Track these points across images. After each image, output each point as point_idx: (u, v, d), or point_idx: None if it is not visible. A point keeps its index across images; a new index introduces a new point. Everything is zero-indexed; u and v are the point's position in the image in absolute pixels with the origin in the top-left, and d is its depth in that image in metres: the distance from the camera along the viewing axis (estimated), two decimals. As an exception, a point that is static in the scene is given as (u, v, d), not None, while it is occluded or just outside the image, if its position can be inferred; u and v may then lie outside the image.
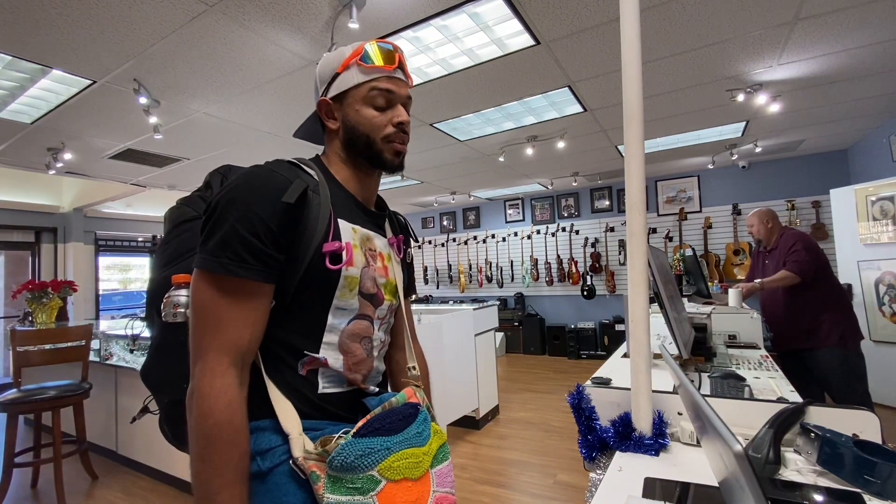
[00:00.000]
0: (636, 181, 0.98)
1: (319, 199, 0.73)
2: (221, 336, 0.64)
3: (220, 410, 0.61)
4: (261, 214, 0.65)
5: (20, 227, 5.76)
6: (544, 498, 2.42)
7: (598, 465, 0.97)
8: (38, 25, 1.96)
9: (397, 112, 0.80)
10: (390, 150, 0.80)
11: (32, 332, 2.77)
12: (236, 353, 0.64)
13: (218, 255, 0.64)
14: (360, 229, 0.79)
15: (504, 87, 2.86)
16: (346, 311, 0.75)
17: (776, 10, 2.10)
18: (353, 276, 0.74)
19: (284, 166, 0.73)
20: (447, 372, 3.07)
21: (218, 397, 0.61)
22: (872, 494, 0.72)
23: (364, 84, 0.78)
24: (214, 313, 0.64)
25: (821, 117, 3.70)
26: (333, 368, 0.74)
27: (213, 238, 0.65)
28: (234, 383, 0.64)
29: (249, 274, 0.65)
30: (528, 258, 6.63)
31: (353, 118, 0.78)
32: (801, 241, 2.45)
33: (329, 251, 0.71)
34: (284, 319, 0.71)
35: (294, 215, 0.68)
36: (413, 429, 0.73)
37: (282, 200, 0.66)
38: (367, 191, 0.85)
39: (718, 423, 0.51)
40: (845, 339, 2.31)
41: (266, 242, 0.66)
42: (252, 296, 0.66)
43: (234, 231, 0.64)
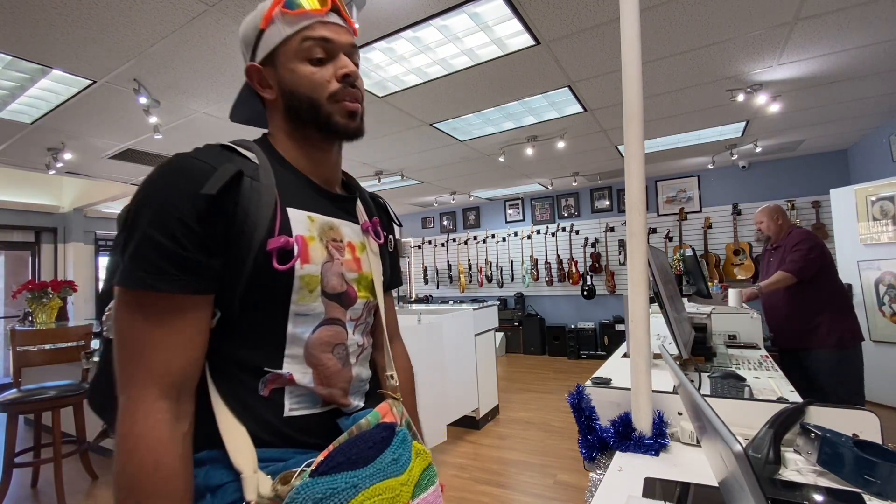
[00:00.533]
0: (636, 181, 0.98)
1: (260, 185, 0.60)
2: (145, 364, 0.53)
3: (141, 456, 0.50)
4: (177, 213, 0.54)
5: (20, 227, 5.76)
6: (544, 498, 2.42)
7: (598, 465, 0.97)
8: (38, 25, 1.96)
9: (340, 62, 0.66)
10: (341, 110, 0.66)
11: (32, 332, 2.77)
12: (166, 383, 0.54)
13: (132, 267, 0.53)
14: (320, 217, 0.67)
15: (504, 87, 2.86)
16: (310, 318, 0.63)
17: (776, 10, 2.10)
18: (312, 275, 0.63)
19: (212, 151, 0.61)
20: (447, 372, 3.07)
21: (140, 439, 0.51)
22: (872, 494, 0.72)
23: (294, 36, 0.65)
24: (135, 337, 0.54)
25: (821, 117, 3.70)
26: (302, 385, 0.62)
27: (127, 248, 0.54)
28: (164, 420, 0.53)
29: (172, 287, 0.54)
30: (528, 258, 6.63)
31: (290, 80, 0.65)
32: (805, 241, 2.42)
33: (275, 248, 0.59)
34: (235, 333, 0.60)
35: (223, 209, 0.57)
36: (387, 456, 0.61)
37: (201, 193, 0.54)
38: (325, 169, 0.72)
39: (718, 424, 0.51)
40: (843, 340, 2.30)
41: (188, 247, 0.54)
42: (180, 312, 0.55)
43: (148, 237, 0.53)
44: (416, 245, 7.75)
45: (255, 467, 0.56)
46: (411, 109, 3.15)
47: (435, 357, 2.95)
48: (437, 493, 0.68)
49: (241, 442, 0.57)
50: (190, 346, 0.56)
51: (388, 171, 4.85)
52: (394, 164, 4.60)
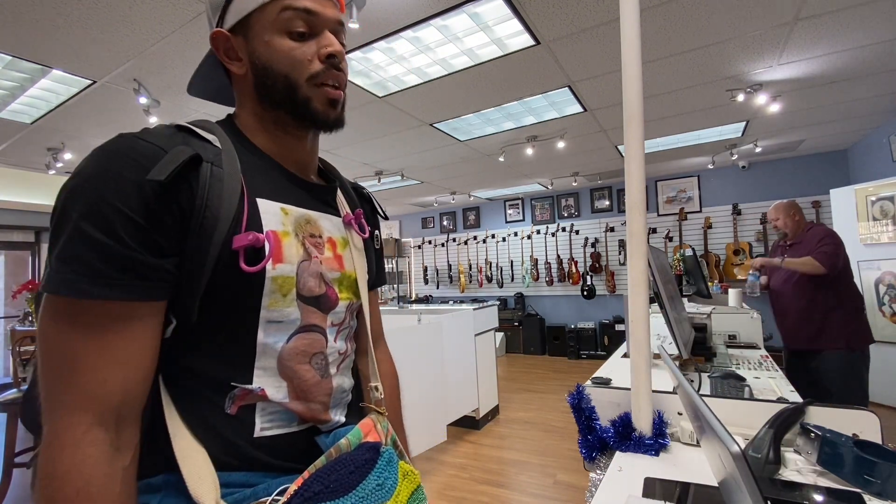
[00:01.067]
0: (636, 181, 0.98)
1: (223, 173, 0.51)
2: (76, 386, 0.43)
3: (69, 498, 0.41)
4: (117, 203, 0.44)
5: (20, 227, 5.76)
6: (544, 498, 2.42)
7: (598, 465, 0.97)
8: (38, 25, 1.96)
9: (325, 40, 0.58)
10: (321, 97, 0.58)
11: (32, 332, 2.77)
12: (102, 407, 0.44)
13: (61, 269, 0.43)
14: (295, 210, 0.58)
15: (504, 87, 2.86)
16: (283, 324, 0.55)
17: (776, 10, 2.10)
18: (286, 276, 0.54)
19: (163, 132, 0.51)
20: (447, 372, 3.07)
21: (65, 478, 0.41)
22: (872, 494, 0.72)
23: (271, 4, 0.56)
24: (64, 353, 0.44)
25: (821, 117, 3.70)
26: (276, 401, 0.54)
27: (55, 247, 0.44)
28: (96, 454, 0.43)
29: (108, 292, 0.44)
30: (528, 258, 6.63)
31: (264, 53, 0.56)
32: (832, 237, 2.35)
33: (242, 245, 0.50)
34: (194, 344, 0.51)
35: (176, 200, 0.47)
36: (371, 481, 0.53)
37: (147, 178, 0.45)
38: (300, 155, 0.63)
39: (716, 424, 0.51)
40: (853, 343, 2.26)
41: (130, 244, 0.45)
42: (120, 322, 0.46)
43: (81, 232, 0.43)
44: (416, 245, 7.75)
45: (216, 497, 0.48)
46: (411, 109, 3.15)
47: (435, 357, 2.95)
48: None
49: (200, 467, 0.48)
50: (133, 363, 0.46)
51: (388, 171, 4.85)
52: (394, 164, 4.60)
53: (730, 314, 2.20)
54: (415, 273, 7.78)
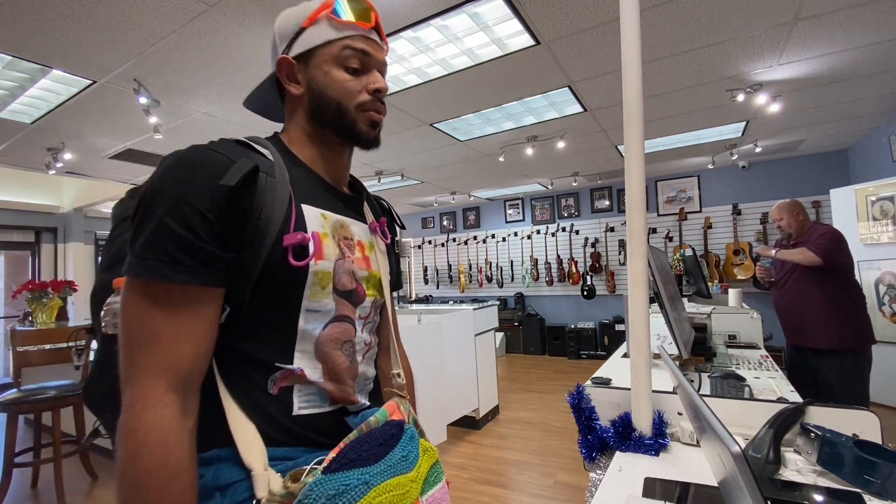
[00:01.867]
0: (636, 181, 0.98)
1: (275, 181, 0.60)
2: (155, 355, 0.52)
3: (150, 451, 0.49)
4: (195, 203, 0.53)
5: (20, 227, 5.77)
6: (544, 498, 2.42)
7: (598, 465, 0.97)
8: (38, 25, 1.96)
9: (373, 78, 0.69)
10: (365, 120, 0.68)
11: (32, 332, 2.77)
12: (175, 376, 0.52)
13: (145, 257, 0.52)
14: (332, 215, 0.68)
15: (504, 87, 2.86)
16: (321, 314, 0.63)
17: (776, 10, 2.10)
18: (325, 272, 0.63)
19: (229, 145, 0.60)
20: (447, 372, 3.07)
21: (148, 433, 0.49)
22: (872, 494, 0.72)
23: (336, 42, 0.66)
24: (145, 328, 0.52)
25: (821, 117, 3.70)
26: (312, 381, 0.62)
27: (139, 237, 0.53)
28: (172, 414, 0.51)
29: (185, 277, 0.53)
30: (528, 258, 6.63)
31: (322, 81, 0.66)
32: (831, 232, 2.35)
33: (291, 244, 0.59)
34: (244, 329, 0.60)
35: (240, 202, 0.56)
36: (397, 453, 0.61)
37: (220, 184, 0.54)
38: (337, 170, 0.73)
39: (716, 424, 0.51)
40: (856, 343, 2.26)
41: (204, 237, 0.54)
42: (191, 303, 0.54)
43: (163, 226, 0.52)
44: (416, 245, 7.75)
45: (265, 465, 0.55)
46: (411, 109, 3.15)
47: (435, 357, 2.95)
48: (444, 489, 0.69)
49: (251, 439, 0.56)
50: (200, 339, 0.55)
51: (388, 171, 4.85)
52: (394, 164, 4.60)
53: (730, 314, 2.20)
54: (415, 273, 7.78)
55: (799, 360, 2.47)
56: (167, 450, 0.50)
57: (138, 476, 0.49)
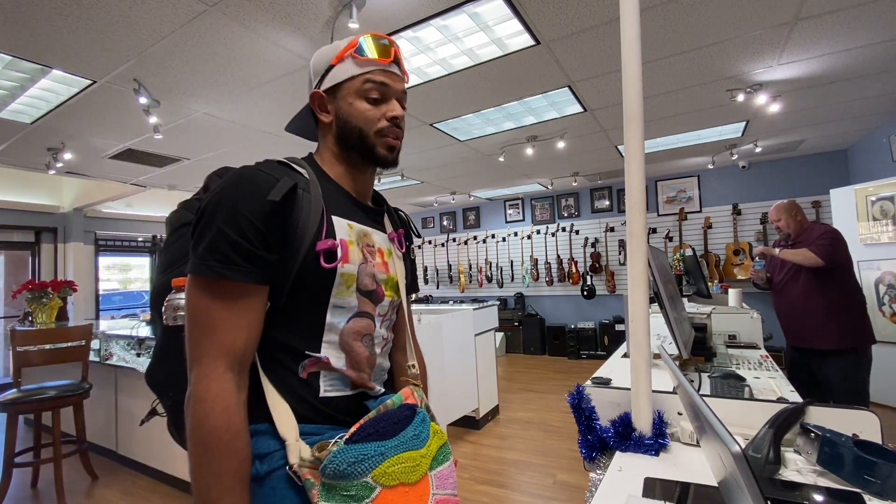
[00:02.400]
0: (636, 181, 0.98)
1: (310, 196, 0.71)
2: (216, 340, 0.63)
3: (216, 416, 0.60)
4: (247, 215, 0.64)
5: (20, 227, 5.76)
6: (544, 498, 2.42)
7: (598, 465, 0.97)
8: (38, 25, 1.96)
9: (391, 106, 0.79)
10: (383, 144, 0.79)
11: (32, 332, 2.77)
12: (232, 357, 0.63)
13: (207, 258, 0.63)
14: (357, 225, 0.78)
15: (504, 87, 2.86)
16: (345, 310, 0.73)
17: (776, 10, 2.09)
18: (350, 274, 0.73)
19: (273, 165, 0.72)
20: (447, 372, 3.07)
21: (214, 402, 0.61)
22: (872, 494, 0.72)
23: (358, 76, 0.76)
24: (208, 317, 0.63)
25: (821, 117, 3.70)
26: (336, 368, 0.72)
27: (202, 242, 0.64)
28: (231, 387, 0.63)
29: (240, 276, 0.64)
30: (528, 258, 6.63)
31: (346, 111, 0.77)
32: (831, 232, 2.34)
33: (323, 249, 0.69)
34: (281, 321, 0.70)
35: (283, 214, 0.67)
36: (409, 431, 0.71)
37: (268, 199, 0.65)
38: (362, 186, 0.84)
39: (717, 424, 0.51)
40: (856, 343, 2.25)
41: (255, 243, 0.64)
42: (244, 297, 0.65)
43: (222, 233, 0.63)
44: (416, 245, 7.74)
45: (297, 436, 0.66)
46: (411, 109, 3.15)
47: (435, 357, 2.95)
48: (451, 467, 0.77)
49: (285, 415, 0.67)
50: (251, 327, 0.66)
51: (389, 171, 4.84)
52: (394, 164, 4.60)
53: (730, 314, 2.20)
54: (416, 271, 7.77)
55: (799, 360, 2.47)
56: (229, 415, 0.61)
57: (208, 436, 0.60)
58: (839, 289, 2.32)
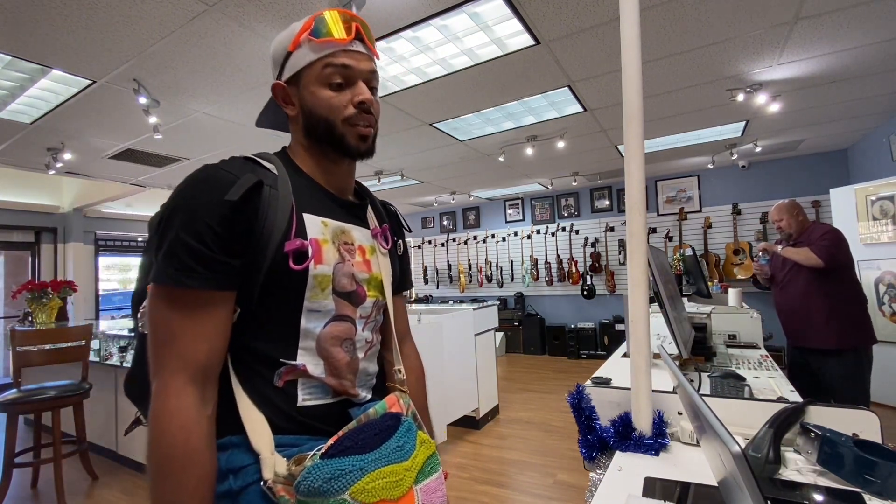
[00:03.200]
0: (636, 181, 0.98)
1: (278, 193, 0.66)
2: (176, 352, 0.59)
3: (172, 433, 0.56)
4: (204, 218, 0.60)
5: (20, 227, 5.76)
6: (544, 498, 2.42)
7: (598, 464, 0.97)
8: (38, 25, 1.96)
9: (357, 90, 0.71)
10: (353, 134, 0.72)
11: (32, 332, 2.77)
12: (194, 369, 0.60)
13: (165, 266, 0.60)
14: (333, 222, 0.72)
15: (504, 87, 2.86)
16: (321, 314, 0.69)
17: (776, 10, 2.09)
18: (324, 275, 0.68)
19: (236, 163, 0.67)
20: (447, 372, 3.07)
21: (171, 418, 0.57)
22: (872, 494, 0.72)
23: (317, 62, 0.70)
24: (167, 328, 0.60)
25: (821, 117, 3.70)
26: (314, 376, 0.68)
27: (161, 248, 0.61)
28: (192, 402, 0.58)
29: (198, 283, 0.60)
30: (528, 258, 6.63)
31: (310, 101, 0.71)
32: (832, 233, 2.34)
33: (291, 250, 0.65)
34: (253, 328, 0.66)
35: (245, 214, 0.63)
36: (392, 443, 0.66)
37: (225, 199, 0.60)
38: (338, 179, 0.78)
39: (716, 424, 0.51)
40: (857, 343, 2.25)
41: (214, 248, 0.60)
42: (206, 306, 0.61)
43: (179, 239, 0.59)
44: (416, 245, 7.75)
45: (272, 450, 0.61)
46: (411, 109, 3.15)
47: (435, 357, 2.95)
48: (440, 480, 0.73)
49: (259, 427, 0.63)
50: (214, 336, 0.62)
51: (388, 171, 4.85)
52: (394, 164, 4.60)
53: (730, 314, 2.20)
54: (415, 273, 7.78)
55: (799, 359, 2.47)
56: (187, 433, 0.57)
57: (162, 455, 0.56)
58: (841, 289, 2.32)
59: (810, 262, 2.29)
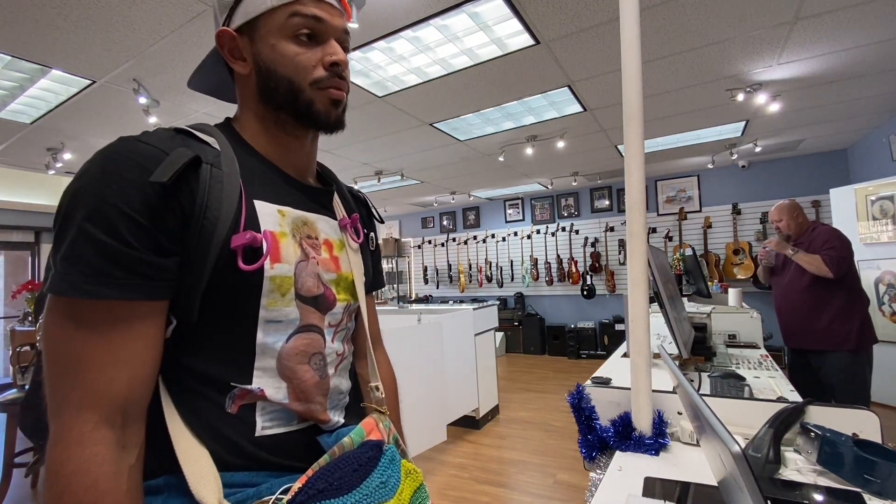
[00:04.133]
0: (636, 181, 0.98)
1: (222, 174, 0.52)
2: (82, 385, 0.44)
3: (77, 496, 0.42)
4: (120, 205, 0.45)
5: (20, 227, 5.76)
6: (544, 498, 2.42)
7: (598, 464, 0.97)
8: (38, 25, 1.96)
9: (330, 48, 0.59)
10: (323, 98, 0.59)
11: (32, 333, 2.77)
12: (108, 407, 0.44)
13: (66, 271, 0.44)
14: (292, 211, 0.59)
15: (504, 87, 2.86)
16: (282, 324, 0.55)
17: (776, 10, 2.10)
18: (284, 276, 0.55)
19: (162, 135, 0.52)
20: (447, 372, 3.07)
21: (73, 476, 0.42)
22: (872, 494, 0.72)
23: (281, 8, 0.56)
24: (70, 354, 0.44)
25: (821, 117, 3.70)
26: (275, 401, 0.54)
27: (60, 249, 0.45)
28: (104, 452, 0.44)
29: (112, 292, 0.44)
30: (528, 258, 6.63)
31: (269, 56, 0.57)
32: (838, 238, 2.32)
33: (240, 245, 0.51)
34: (194, 344, 0.52)
35: (178, 200, 0.48)
36: (374, 479, 0.54)
37: (150, 181, 0.46)
38: (299, 159, 0.64)
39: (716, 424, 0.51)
40: (859, 343, 2.25)
41: (134, 244, 0.45)
42: (124, 321, 0.46)
43: (84, 233, 0.44)
44: (415, 245, 7.75)
45: (219, 497, 0.47)
46: (411, 109, 3.15)
47: (435, 357, 2.95)
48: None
49: (202, 467, 0.48)
50: (138, 362, 0.47)
51: (388, 171, 4.85)
52: (394, 164, 4.60)
53: (730, 314, 2.20)
54: (415, 273, 7.78)
55: (800, 359, 2.47)
56: (96, 495, 0.42)
57: None
58: (844, 291, 2.32)
59: (821, 272, 2.28)
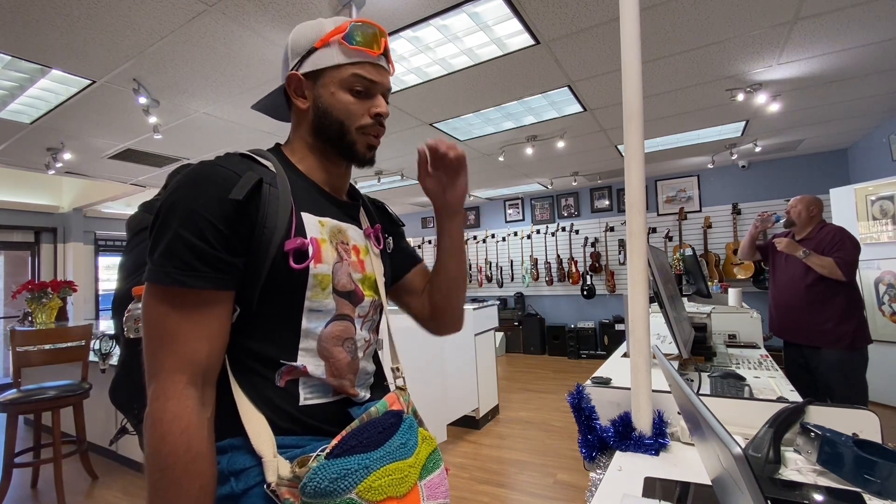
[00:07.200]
0: (636, 181, 0.98)
1: (278, 192, 0.66)
2: (175, 353, 0.57)
3: (174, 437, 0.55)
4: (206, 215, 0.59)
5: (20, 227, 5.76)
6: (544, 498, 2.42)
7: (598, 464, 0.97)
8: (38, 25, 1.96)
9: (376, 102, 0.73)
10: (364, 142, 0.74)
11: (32, 333, 2.77)
12: (194, 371, 0.58)
13: (164, 264, 0.58)
14: (330, 221, 0.72)
15: (504, 87, 2.86)
16: (322, 313, 0.68)
17: (776, 10, 2.09)
18: (324, 274, 0.68)
19: (234, 159, 0.66)
20: (447, 372, 3.07)
21: (172, 422, 0.55)
22: (872, 494, 0.72)
23: (345, 66, 0.71)
24: (165, 329, 0.58)
25: (821, 117, 3.70)
26: (315, 376, 0.67)
27: (158, 247, 0.59)
28: (192, 405, 0.57)
29: (200, 283, 0.58)
30: (528, 258, 6.63)
31: (327, 101, 0.71)
32: (849, 240, 2.31)
33: (292, 249, 0.64)
34: (253, 328, 0.65)
35: (247, 213, 0.62)
36: (396, 440, 0.67)
37: (229, 198, 0.59)
38: (335, 180, 0.78)
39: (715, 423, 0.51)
40: (856, 342, 2.26)
41: (216, 246, 0.59)
42: (206, 306, 0.60)
43: (179, 237, 0.58)
44: (416, 245, 7.75)
45: (274, 452, 0.60)
46: (411, 109, 3.15)
47: (435, 357, 2.95)
48: (442, 475, 0.75)
49: (261, 429, 0.61)
50: (214, 337, 0.61)
51: (388, 171, 4.85)
52: (394, 164, 4.60)
53: (730, 314, 2.21)
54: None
55: (796, 358, 2.47)
56: (189, 437, 0.55)
57: (164, 460, 0.54)
58: (847, 291, 2.32)
59: (834, 275, 2.27)
